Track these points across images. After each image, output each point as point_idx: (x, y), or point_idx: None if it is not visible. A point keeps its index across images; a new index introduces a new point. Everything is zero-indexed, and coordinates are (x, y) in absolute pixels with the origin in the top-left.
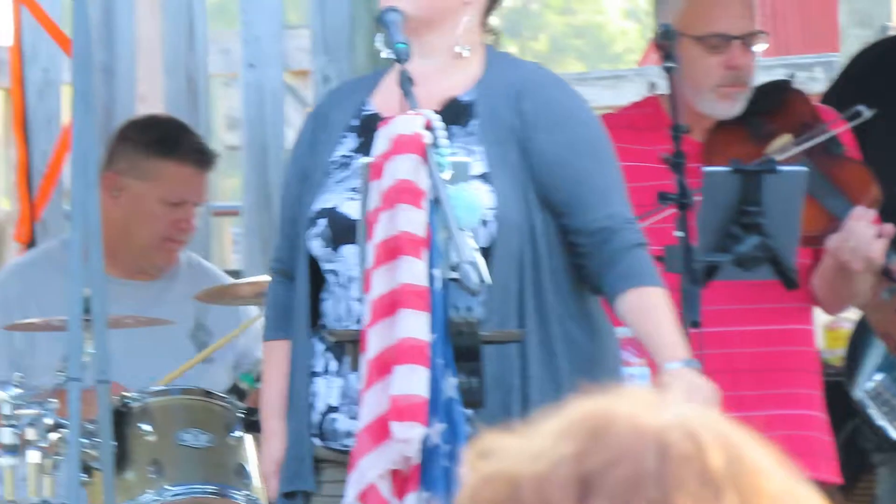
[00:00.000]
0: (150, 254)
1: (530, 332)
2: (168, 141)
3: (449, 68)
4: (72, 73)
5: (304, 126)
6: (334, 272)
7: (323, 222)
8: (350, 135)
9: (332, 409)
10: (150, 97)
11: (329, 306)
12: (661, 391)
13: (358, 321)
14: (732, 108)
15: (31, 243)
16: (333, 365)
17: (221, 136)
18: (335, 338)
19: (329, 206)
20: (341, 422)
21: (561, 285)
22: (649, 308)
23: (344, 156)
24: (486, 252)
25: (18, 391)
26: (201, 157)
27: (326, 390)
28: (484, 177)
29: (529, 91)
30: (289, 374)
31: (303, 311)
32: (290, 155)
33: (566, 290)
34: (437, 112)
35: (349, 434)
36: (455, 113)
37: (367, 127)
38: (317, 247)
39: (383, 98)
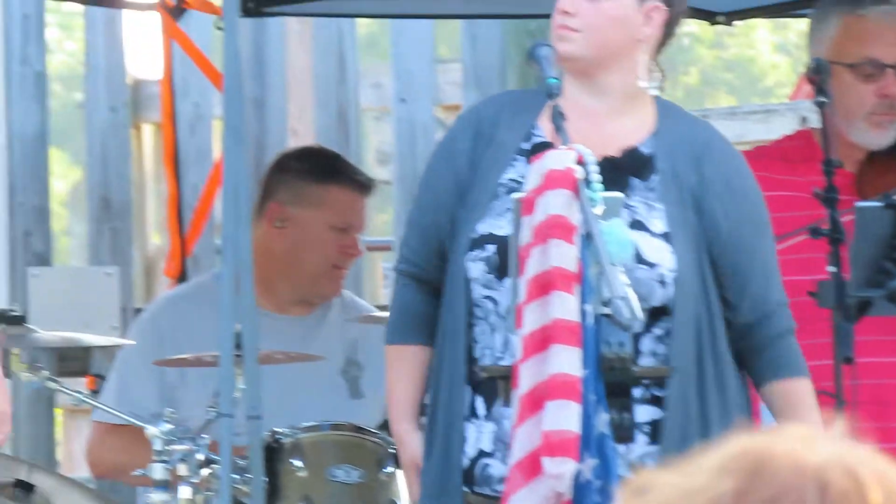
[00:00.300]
0: (319, 282)
1: (709, 394)
2: (328, 167)
3: (620, 110)
4: (223, 107)
5: (458, 132)
6: (493, 300)
7: (491, 248)
8: (521, 159)
9: (483, 455)
10: (302, 131)
11: (480, 333)
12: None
13: (513, 355)
14: (885, 137)
15: (181, 278)
16: (482, 408)
17: (372, 170)
18: (487, 374)
19: (500, 232)
20: (495, 467)
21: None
22: (796, 403)
23: (513, 180)
24: (663, 312)
25: (170, 427)
26: (362, 182)
27: (477, 435)
28: (665, 236)
29: (710, 156)
30: (419, 382)
31: (460, 345)
32: (436, 156)
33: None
34: (617, 160)
35: (503, 480)
36: (636, 165)
37: (538, 154)
38: (478, 271)
39: (552, 126)
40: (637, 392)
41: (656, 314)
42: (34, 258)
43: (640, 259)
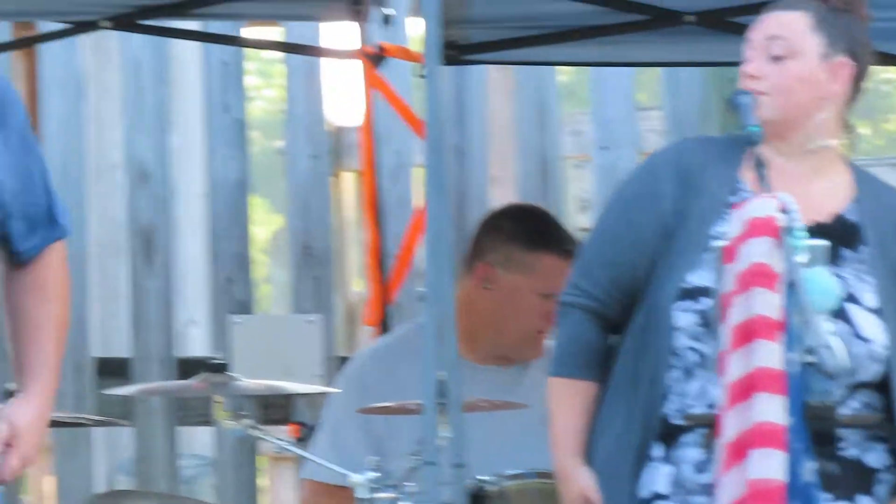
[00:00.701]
0: (522, 345)
1: None
2: (543, 233)
3: (816, 171)
4: (424, 155)
5: (661, 173)
6: (697, 351)
7: (707, 302)
8: (729, 212)
9: (658, 497)
10: (503, 179)
11: (672, 380)
12: None
13: (710, 405)
14: None
15: (383, 326)
16: (658, 451)
17: (573, 218)
18: (691, 422)
19: (716, 287)
20: None
21: None
22: None
23: (724, 233)
24: (873, 386)
25: (375, 475)
26: (572, 248)
27: (651, 476)
28: (877, 312)
29: None
30: (586, 417)
31: (655, 390)
32: (635, 194)
33: None
34: (827, 226)
35: None
36: (844, 233)
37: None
38: (687, 321)
39: (754, 179)
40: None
41: (873, 391)
42: (236, 305)
43: (854, 334)
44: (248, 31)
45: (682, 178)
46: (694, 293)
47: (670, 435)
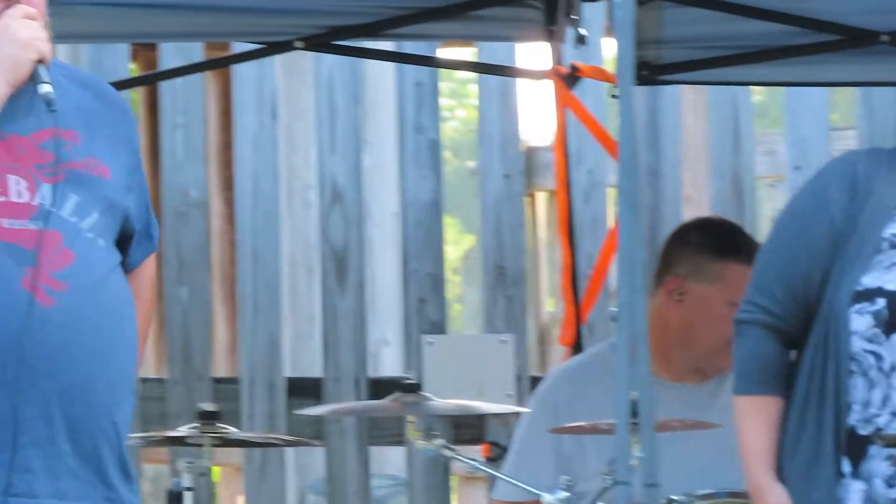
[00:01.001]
0: (714, 356)
1: None
2: (730, 242)
3: None
4: (617, 175)
5: (832, 182)
6: (876, 355)
7: (881, 302)
8: None
9: None
10: (696, 199)
11: (853, 387)
12: None
13: (894, 413)
14: None
15: (576, 346)
16: (847, 466)
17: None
18: (885, 443)
19: (889, 287)
20: None
21: None
22: None
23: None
24: None
25: (567, 494)
26: None
27: (844, 494)
28: None
29: None
30: (774, 433)
31: (839, 399)
32: (805, 206)
33: None
34: None
35: None
36: None
37: None
38: (863, 324)
39: None
40: None
41: None
42: (429, 326)
43: None
44: (442, 52)
45: (850, 185)
46: (869, 294)
47: (857, 447)
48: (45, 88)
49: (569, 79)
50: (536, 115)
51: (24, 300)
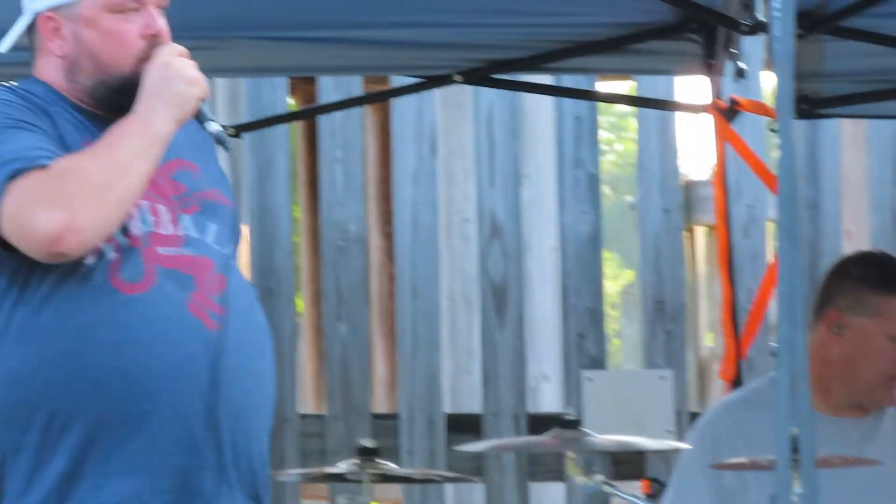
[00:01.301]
0: (875, 391)
1: None
2: (891, 276)
3: None
4: (777, 209)
5: None
6: None
7: None
8: None
9: None
10: (856, 233)
11: None
12: None
13: None
14: None
15: (736, 381)
16: None
17: None
18: None
19: None
20: None
21: None
22: None
23: None
24: None
25: None
26: None
27: None
28: None
29: None
30: None
31: None
32: None
33: None
34: None
35: None
36: None
37: None
38: None
39: None
40: None
41: None
42: (588, 361)
43: None
44: (601, 85)
45: None
46: None
47: None
48: (216, 127)
49: (728, 113)
50: (695, 149)
51: (192, 325)
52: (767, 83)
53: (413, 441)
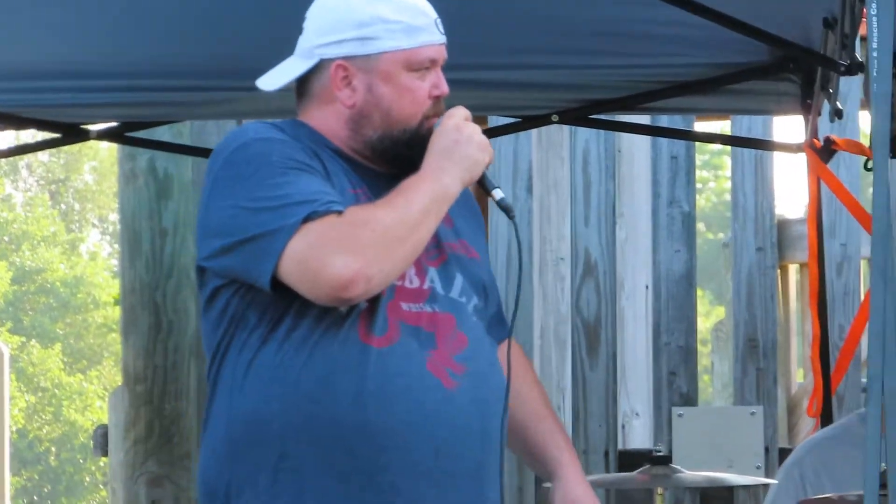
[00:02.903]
0: None
1: None
2: None
3: None
4: (870, 248)
5: None
6: None
7: None
8: None
9: None
10: None
11: None
12: None
13: None
14: None
15: (825, 417)
16: None
17: None
18: None
19: None
20: None
21: None
22: None
23: None
24: None
25: None
26: None
27: None
28: None
29: None
30: None
31: None
32: None
33: None
34: None
35: None
36: None
37: None
38: None
39: None
40: None
41: None
42: (679, 398)
43: None
44: (698, 124)
45: None
46: None
47: None
48: (501, 194)
49: (824, 152)
50: (789, 187)
51: (432, 384)
52: (864, 122)
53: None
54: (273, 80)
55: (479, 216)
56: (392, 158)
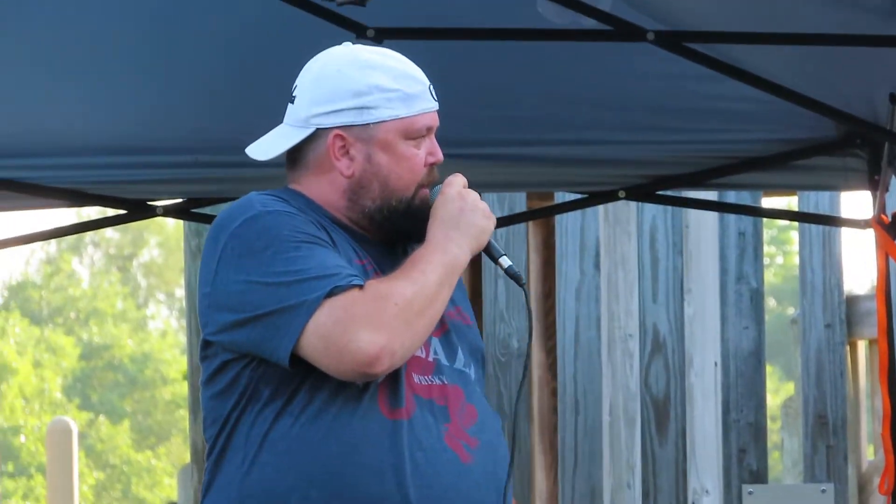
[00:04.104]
0: None
1: None
2: None
3: None
4: None
5: None
6: None
7: None
8: None
9: None
10: None
11: None
12: None
13: None
14: None
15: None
16: None
17: None
18: None
19: None
20: None
21: None
22: None
23: None
24: None
25: None
26: None
27: None
28: None
29: None
30: None
31: None
32: None
33: None
34: None
35: None
36: None
37: None
38: None
39: None
40: None
41: None
42: (749, 475)
43: None
44: (765, 200)
45: None
46: None
47: None
48: (508, 262)
49: (892, 227)
50: (857, 263)
51: (449, 458)
52: None
53: None
54: (266, 149)
55: (461, 282)
56: (389, 229)
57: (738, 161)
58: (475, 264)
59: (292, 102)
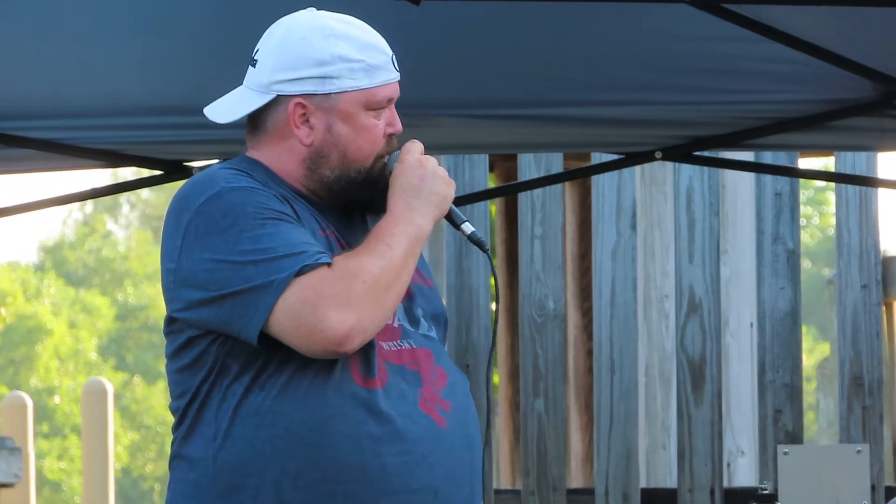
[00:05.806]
0: None
1: None
2: None
3: None
4: None
5: None
6: None
7: None
8: None
9: None
10: None
11: None
12: None
13: None
14: None
15: None
16: None
17: None
18: None
19: None
20: None
21: None
22: None
23: None
24: None
25: None
26: None
27: None
28: None
29: None
30: None
31: None
32: None
33: None
34: None
35: None
36: None
37: None
38: None
39: None
40: None
41: None
42: (784, 436)
43: None
44: (802, 161)
45: None
46: None
47: None
48: (471, 228)
49: None
50: (894, 224)
51: (426, 423)
52: None
53: None
54: (226, 112)
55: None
56: (347, 199)
57: (774, 122)
58: (512, 226)
59: (253, 66)
